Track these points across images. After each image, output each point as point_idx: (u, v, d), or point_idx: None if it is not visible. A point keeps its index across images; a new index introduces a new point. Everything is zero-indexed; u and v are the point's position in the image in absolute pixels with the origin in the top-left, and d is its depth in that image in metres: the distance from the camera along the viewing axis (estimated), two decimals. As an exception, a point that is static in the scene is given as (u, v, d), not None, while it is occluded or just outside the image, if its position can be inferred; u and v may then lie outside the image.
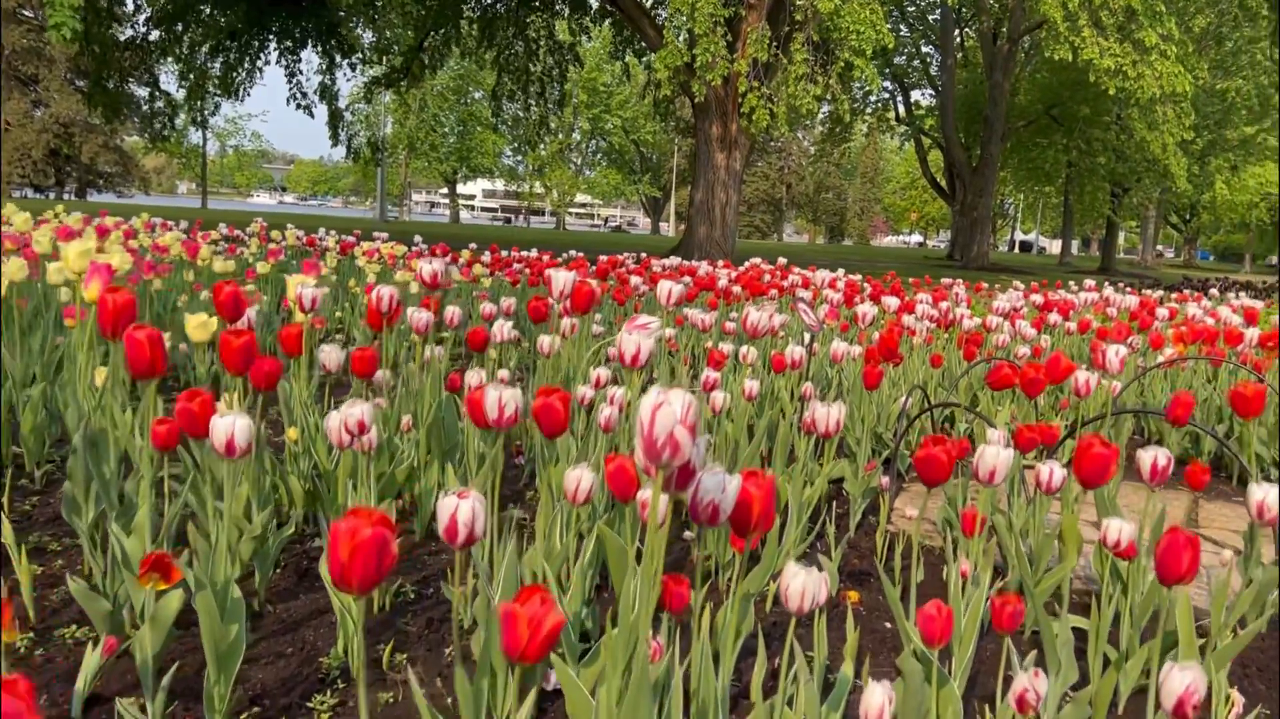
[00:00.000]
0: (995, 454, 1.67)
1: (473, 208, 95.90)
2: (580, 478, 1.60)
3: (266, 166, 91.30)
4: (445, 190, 64.22)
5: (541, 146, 37.64)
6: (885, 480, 2.79)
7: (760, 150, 59.11)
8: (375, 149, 26.11)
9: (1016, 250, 72.86)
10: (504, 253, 8.19)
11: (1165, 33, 16.66)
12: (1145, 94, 16.33)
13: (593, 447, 2.41)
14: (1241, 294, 13.21)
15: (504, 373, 3.08)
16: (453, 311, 3.20)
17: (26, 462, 2.87)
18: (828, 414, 2.00)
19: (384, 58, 22.07)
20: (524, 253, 8.23)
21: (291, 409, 2.63)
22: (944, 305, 4.57)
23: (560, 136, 54.79)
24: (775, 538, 2.27)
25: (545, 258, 8.75)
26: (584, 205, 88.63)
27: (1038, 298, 5.78)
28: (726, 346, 3.38)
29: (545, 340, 2.74)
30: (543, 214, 75.33)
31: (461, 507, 1.24)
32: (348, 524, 0.95)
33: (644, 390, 1.74)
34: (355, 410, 1.80)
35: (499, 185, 79.36)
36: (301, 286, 2.41)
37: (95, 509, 2.12)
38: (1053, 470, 2.01)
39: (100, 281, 2.10)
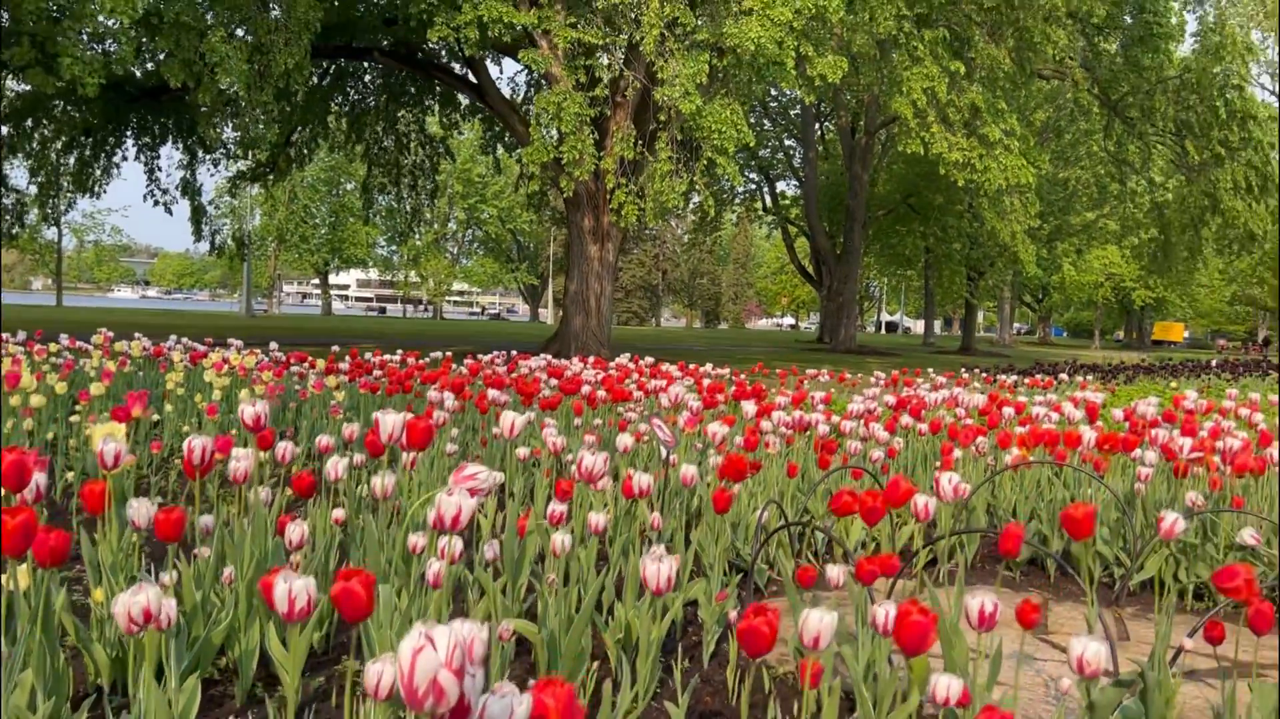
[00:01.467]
0: (819, 620, 1.63)
1: (346, 298, 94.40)
2: (382, 673, 1.49)
3: (128, 261, 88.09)
4: (316, 281, 63.04)
5: (416, 236, 37.47)
6: (733, 615, 2.73)
7: (636, 238, 60.11)
8: (241, 244, 25.48)
9: (883, 331, 75.65)
10: (367, 355, 7.99)
11: (1008, 128, 17.71)
12: (992, 185, 17.25)
13: (419, 610, 2.29)
14: (1089, 376, 13.91)
15: (339, 512, 2.94)
16: (284, 448, 3.05)
17: None
18: (658, 572, 1.93)
19: (249, 152, 21.70)
20: (387, 357, 8.05)
21: (99, 568, 2.43)
22: (798, 414, 4.62)
23: (435, 226, 54.66)
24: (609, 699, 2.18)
25: (411, 359, 8.58)
26: (461, 293, 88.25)
27: (890, 398, 5.91)
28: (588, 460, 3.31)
29: (377, 482, 2.62)
30: (419, 303, 74.65)
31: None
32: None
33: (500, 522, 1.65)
34: (140, 598, 1.65)
35: (373, 275, 78.42)
36: (106, 440, 2.25)
37: None
38: (888, 613, 1.99)
39: None
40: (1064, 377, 12.55)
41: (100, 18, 12.06)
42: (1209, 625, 2.26)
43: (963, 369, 12.69)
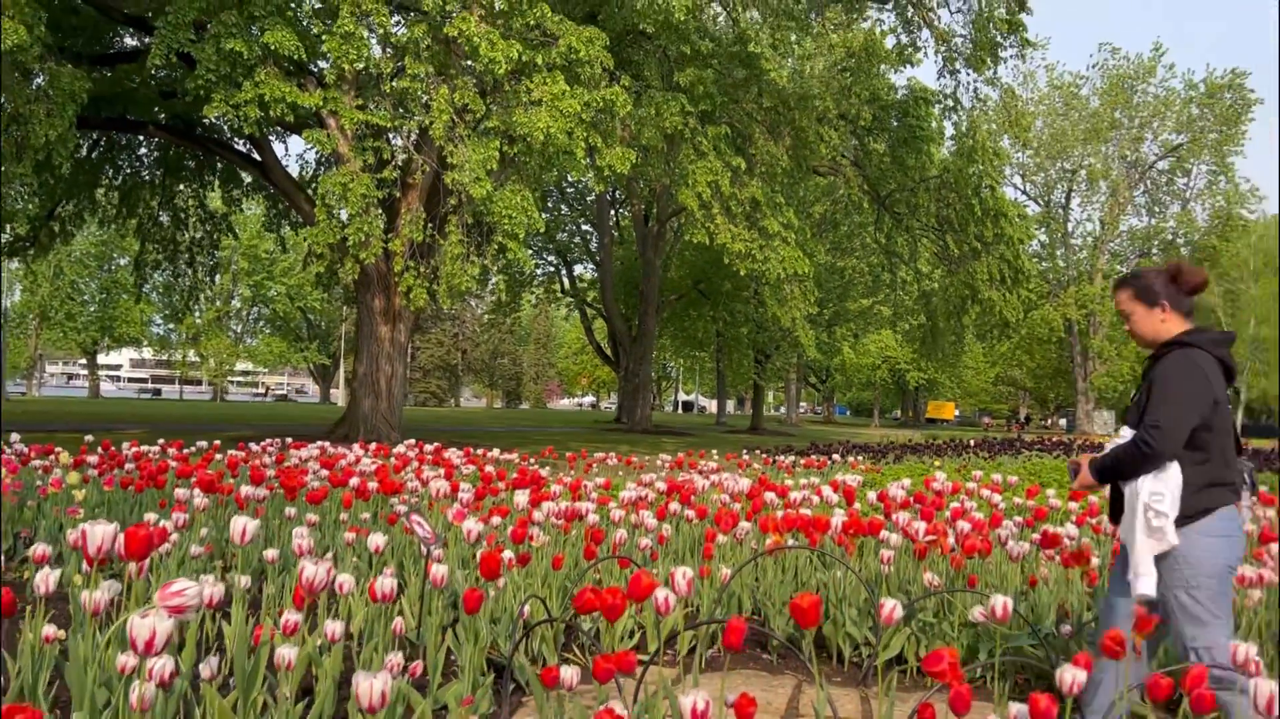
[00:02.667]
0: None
1: (118, 379, 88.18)
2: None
3: None
4: (84, 361, 58.62)
5: (195, 314, 35.58)
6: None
7: (434, 318, 59.39)
8: (-7, 322, 23.43)
9: (680, 410, 77.48)
10: (124, 446, 7.46)
11: (786, 221, 18.74)
12: (772, 274, 18.14)
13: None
14: (860, 456, 14.68)
15: (50, 629, 2.70)
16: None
17: None
18: (370, 688, 1.87)
19: (7, 226, 20.14)
20: (145, 447, 7.55)
21: None
22: (565, 504, 4.63)
23: (218, 303, 52.12)
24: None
25: (174, 449, 8.09)
26: (245, 374, 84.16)
27: (662, 484, 6.04)
28: (313, 571, 3.18)
29: (85, 597, 2.43)
30: (200, 384, 70.57)
31: None
32: None
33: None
34: None
35: (148, 354, 73.75)
36: None
37: None
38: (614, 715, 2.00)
39: None
40: (837, 457, 13.20)
41: None
42: (921, 708, 2.40)
43: (744, 451, 13.14)
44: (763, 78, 18.29)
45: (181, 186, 21.33)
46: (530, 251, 30.40)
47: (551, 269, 37.52)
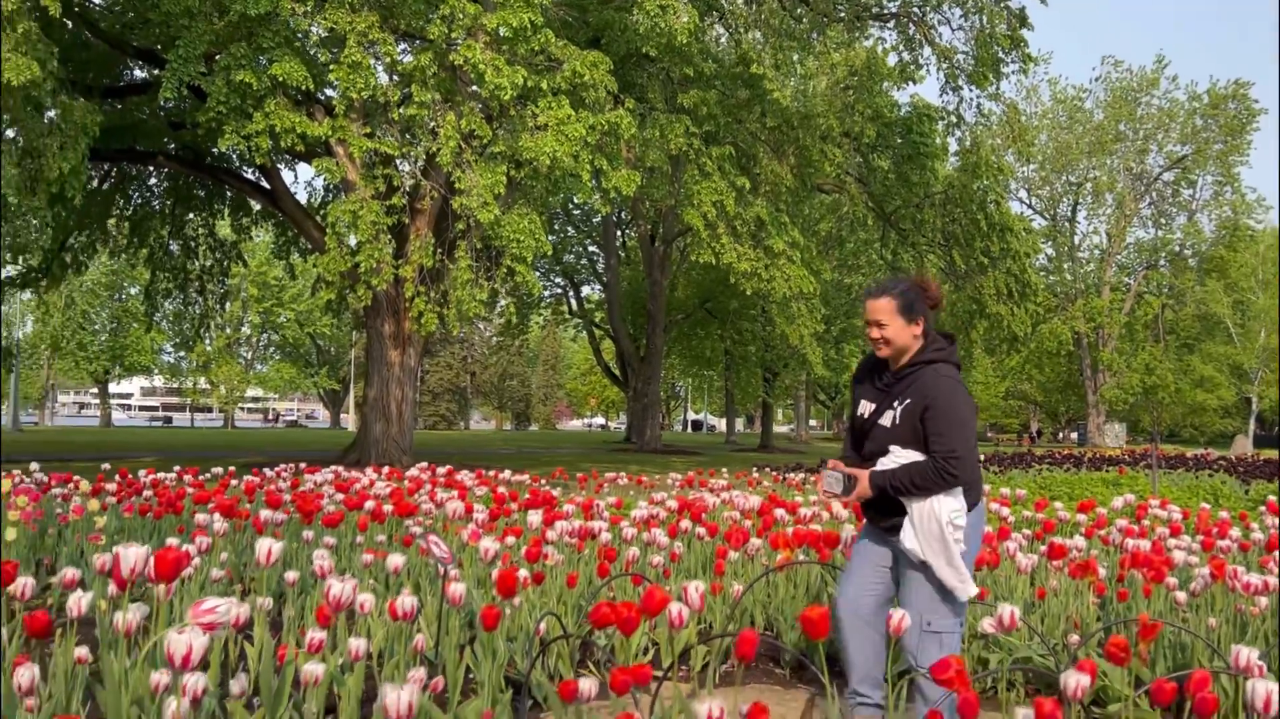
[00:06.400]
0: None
1: (129, 407, 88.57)
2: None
3: (-127, 370, 79.82)
4: (96, 390, 58.95)
5: (206, 342, 35.83)
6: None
7: (443, 341, 59.58)
8: (9, 354, 23.66)
9: (689, 429, 77.47)
10: (140, 473, 7.57)
11: (791, 240, 18.85)
12: (778, 293, 18.24)
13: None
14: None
15: (82, 650, 2.78)
16: (23, 584, 2.88)
17: None
18: (398, 699, 1.95)
19: (19, 258, 20.38)
20: (161, 474, 7.65)
21: None
22: (579, 523, 4.71)
23: (228, 331, 52.45)
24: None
25: (190, 476, 8.18)
26: (256, 400, 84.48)
27: (673, 502, 6.11)
28: (366, 598, 3.25)
29: (119, 618, 2.51)
30: (210, 411, 70.86)
31: None
32: None
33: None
34: None
35: (159, 382, 74.05)
36: None
37: None
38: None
39: None
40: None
41: None
42: (929, 715, 2.46)
43: (754, 469, 13.19)
44: (765, 98, 18.45)
45: (191, 215, 21.56)
46: (538, 274, 30.53)
47: (559, 290, 37.72)
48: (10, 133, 13.77)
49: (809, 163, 20.10)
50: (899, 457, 3.14)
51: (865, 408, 3.31)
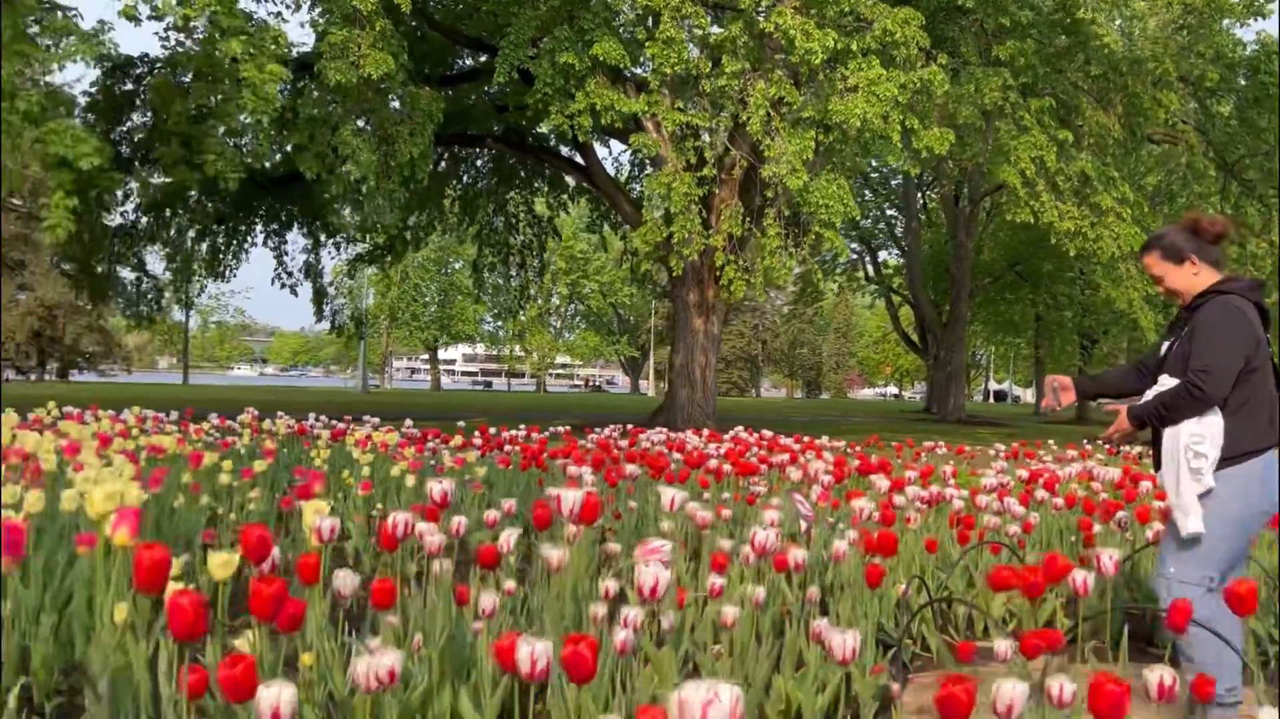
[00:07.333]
0: (1012, 690, 1.72)
1: (453, 372, 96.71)
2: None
3: (247, 339, 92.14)
4: (426, 357, 64.95)
5: (521, 312, 38.45)
6: (896, 688, 2.81)
7: (734, 309, 60.41)
8: (359, 323, 26.53)
9: (991, 400, 73.86)
10: (492, 430, 8.27)
11: (1120, 196, 17.47)
12: (1105, 254, 16.99)
13: (611, 671, 2.43)
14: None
15: (510, 583, 3.12)
16: (458, 522, 3.26)
17: (35, 693, 2.84)
18: (844, 642, 2.05)
19: (368, 236, 22.74)
20: (512, 431, 8.32)
21: (307, 635, 2.65)
22: (933, 489, 4.67)
23: (540, 302, 56.00)
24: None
25: (533, 434, 8.84)
26: (563, 366, 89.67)
27: (1023, 472, 5.89)
28: (725, 543, 3.43)
29: (554, 555, 2.79)
30: (522, 376, 76.17)
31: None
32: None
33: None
34: (385, 660, 1.84)
35: (479, 349, 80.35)
36: (320, 517, 2.48)
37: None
38: (1063, 686, 2.05)
39: (129, 528, 2.16)
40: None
41: (241, 116, 12.94)
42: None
43: (1085, 441, 12.39)
44: (1089, 44, 17.15)
45: (512, 193, 23.12)
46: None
47: (855, 256, 37.03)
48: (360, 122, 15.32)
49: (1139, 112, 18.48)
50: (1163, 385, 3.00)
51: (1163, 348, 3.18)
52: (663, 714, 1.64)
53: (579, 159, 19.77)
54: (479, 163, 22.75)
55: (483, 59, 18.98)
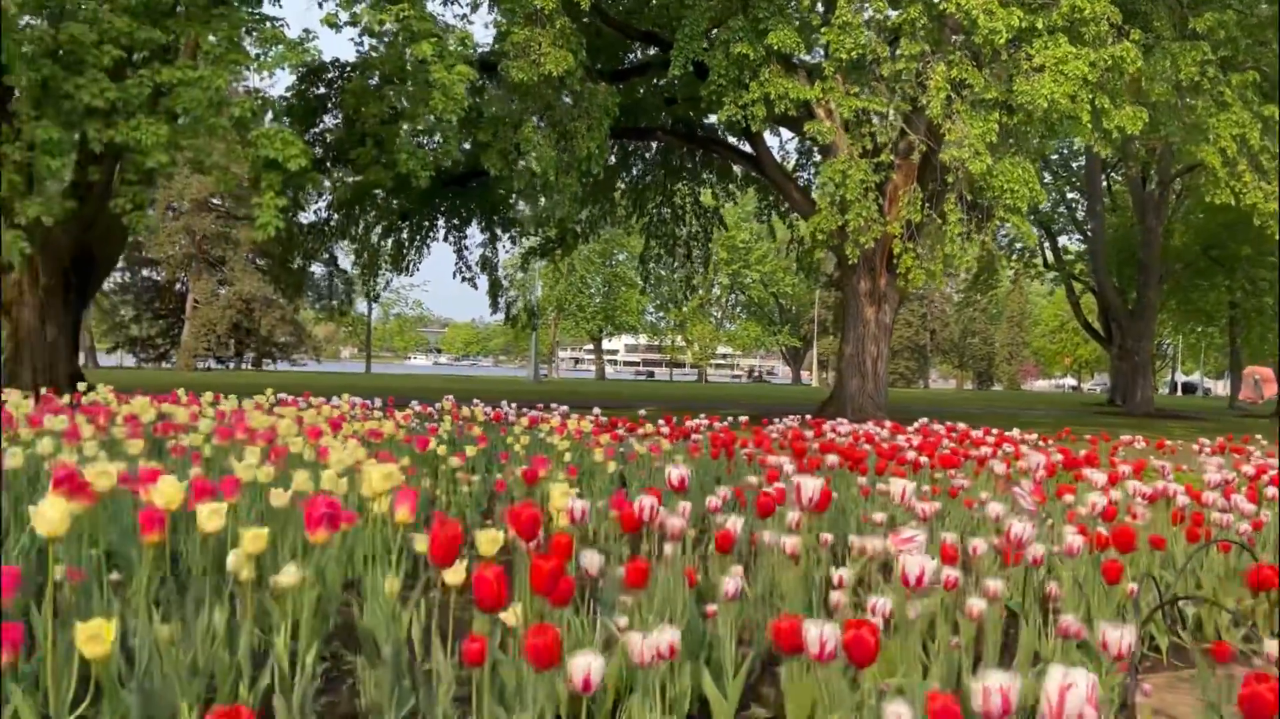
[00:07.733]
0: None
1: (615, 362, 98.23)
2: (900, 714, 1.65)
3: (423, 330, 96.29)
4: (590, 347, 66.27)
5: (685, 303, 38.70)
6: (1147, 689, 2.72)
7: (904, 298, 59.06)
8: (531, 314, 27.30)
9: (1179, 393, 69.56)
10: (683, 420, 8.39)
11: (1332, 174, 16.18)
12: (1317, 236, 15.79)
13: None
14: None
15: (736, 568, 3.18)
16: (684, 507, 3.34)
17: (299, 657, 3.08)
18: (1119, 637, 2.01)
19: (540, 229, 23.36)
20: (699, 420, 8.41)
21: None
22: (1160, 484, 4.47)
23: (701, 292, 56.22)
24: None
25: (715, 423, 8.90)
26: (723, 357, 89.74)
27: (1248, 467, 5.56)
28: (949, 537, 3.39)
29: (788, 543, 2.83)
30: (683, 366, 76.72)
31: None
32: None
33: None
34: (666, 636, 1.92)
35: (640, 339, 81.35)
36: (570, 498, 2.60)
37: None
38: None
39: (409, 506, 2.32)
40: None
41: (430, 117, 13.51)
42: None
43: (1299, 436, 11.54)
44: (1297, 13, 15.94)
45: (679, 185, 23.28)
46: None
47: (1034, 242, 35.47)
48: (535, 119, 15.71)
49: (1353, 84, 17.03)
50: None
51: None
52: (952, 700, 1.66)
53: (748, 148, 19.71)
54: (647, 155, 23.00)
55: (652, 52, 19.18)
